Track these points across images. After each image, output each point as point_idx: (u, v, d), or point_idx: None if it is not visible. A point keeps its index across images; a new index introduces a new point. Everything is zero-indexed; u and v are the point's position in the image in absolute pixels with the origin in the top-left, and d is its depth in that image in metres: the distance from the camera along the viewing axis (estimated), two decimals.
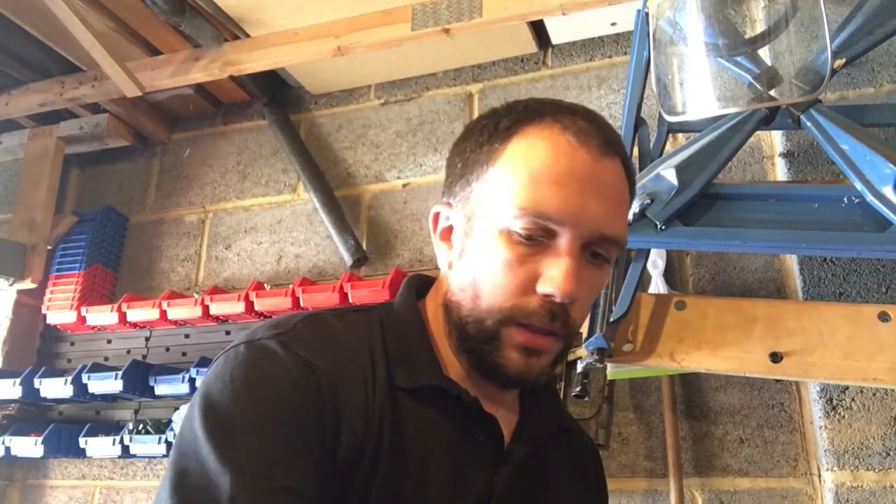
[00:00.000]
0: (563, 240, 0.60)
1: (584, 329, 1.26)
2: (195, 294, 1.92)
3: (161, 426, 1.84)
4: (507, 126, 0.65)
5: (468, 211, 0.65)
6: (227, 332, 1.89)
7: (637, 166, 1.31)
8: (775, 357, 1.16)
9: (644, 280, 1.33)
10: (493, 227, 0.62)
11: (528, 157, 0.62)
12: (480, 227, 0.64)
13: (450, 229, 0.68)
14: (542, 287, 0.60)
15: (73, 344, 2.08)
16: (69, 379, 1.83)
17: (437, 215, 0.71)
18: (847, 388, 1.29)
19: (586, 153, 0.61)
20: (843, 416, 1.29)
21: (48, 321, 2.04)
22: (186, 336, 1.93)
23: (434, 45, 1.85)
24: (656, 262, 1.52)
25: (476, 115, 1.94)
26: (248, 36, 1.91)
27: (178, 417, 1.80)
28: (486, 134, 0.66)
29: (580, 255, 0.61)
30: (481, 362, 0.64)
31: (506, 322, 0.61)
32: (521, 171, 0.62)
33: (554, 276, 0.59)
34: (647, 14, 1.29)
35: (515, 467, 0.66)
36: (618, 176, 0.64)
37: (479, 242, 0.63)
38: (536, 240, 0.60)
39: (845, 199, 1.11)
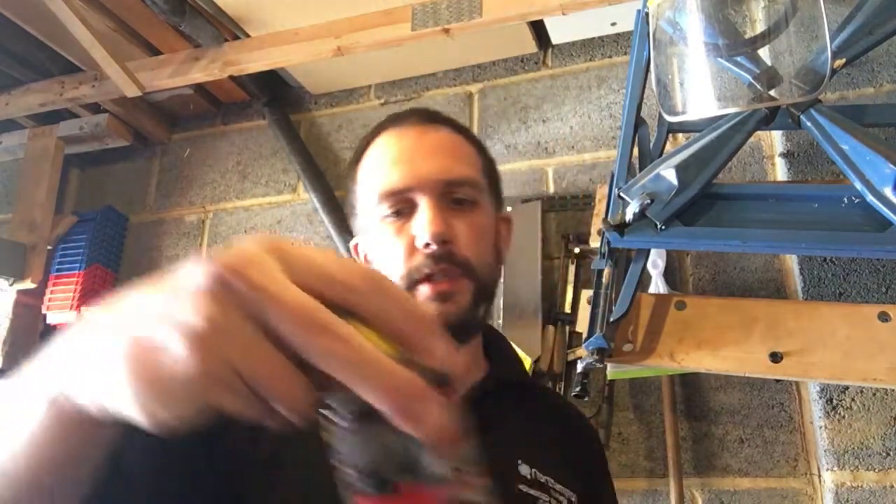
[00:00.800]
0: (419, 199, 0.70)
1: (585, 329, 1.26)
2: None
3: None
4: (358, 150, 0.79)
5: (359, 224, 0.78)
6: None
7: (637, 166, 1.31)
8: (775, 357, 1.16)
9: (644, 280, 1.33)
10: (374, 220, 0.74)
11: (372, 161, 0.76)
12: (366, 225, 0.75)
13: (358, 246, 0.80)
14: (418, 242, 0.69)
15: None
16: None
17: (355, 247, 0.81)
18: (847, 388, 1.29)
19: (408, 132, 0.75)
20: (843, 416, 1.29)
21: (48, 321, 2.04)
22: None
23: (434, 45, 1.85)
24: (656, 262, 1.52)
25: (476, 115, 1.94)
26: (248, 36, 1.91)
27: None
28: (349, 163, 0.81)
29: (440, 204, 0.70)
30: None
31: (409, 286, 0.69)
32: (369, 173, 0.75)
33: (419, 227, 0.69)
34: (647, 14, 1.29)
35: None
36: (446, 137, 0.76)
37: (371, 237, 0.75)
38: (403, 213, 0.71)
39: (845, 199, 1.11)
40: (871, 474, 1.24)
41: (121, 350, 0.28)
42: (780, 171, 1.52)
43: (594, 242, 1.51)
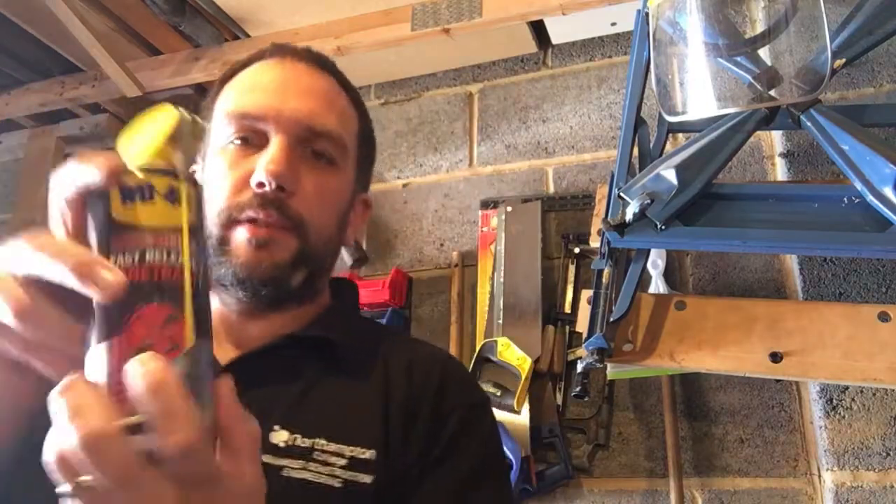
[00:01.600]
0: (272, 135, 0.63)
1: (585, 329, 1.26)
2: None
3: None
4: (230, 70, 0.72)
5: (203, 153, 0.69)
6: None
7: (637, 166, 1.32)
8: (775, 357, 1.16)
9: (644, 280, 1.33)
10: (215, 150, 0.66)
11: (237, 84, 0.69)
12: (208, 158, 0.67)
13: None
14: (253, 178, 0.62)
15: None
16: None
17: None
18: (847, 388, 1.29)
19: (283, 64, 0.68)
20: (843, 416, 1.29)
21: None
22: None
23: (434, 45, 1.85)
24: (656, 262, 1.52)
25: (476, 115, 1.94)
26: (248, 36, 1.91)
27: None
28: (215, 84, 0.72)
29: (294, 148, 0.63)
30: (219, 277, 0.62)
31: (227, 224, 0.62)
32: (230, 94, 0.68)
33: (261, 163, 0.62)
34: (647, 14, 1.29)
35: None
36: (324, 83, 0.69)
37: (207, 167, 0.66)
38: (250, 143, 0.64)
39: (845, 199, 1.11)
40: (871, 474, 1.25)
41: None
42: (780, 171, 1.52)
43: (594, 242, 1.51)
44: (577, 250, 1.65)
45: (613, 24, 1.78)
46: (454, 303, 1.71)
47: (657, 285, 1.51)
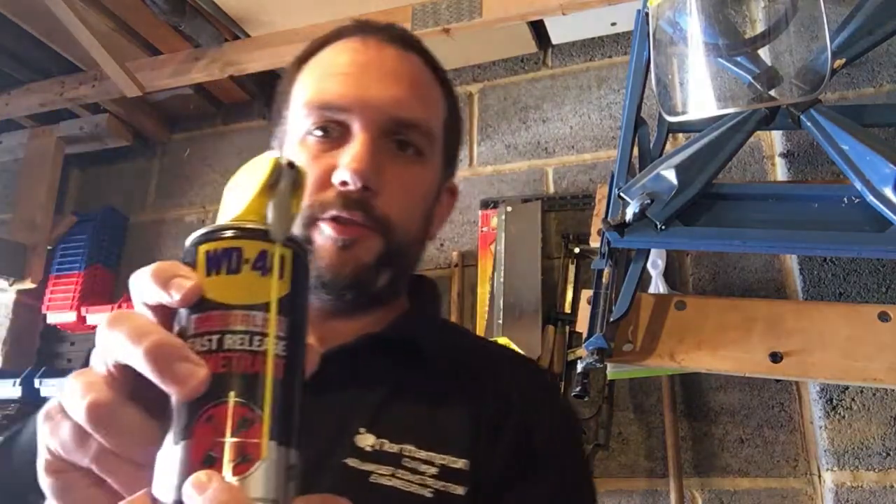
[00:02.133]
0: (354, 127, 0.59)
1: (585, 329, 1.26)
2: None
3: None
4: (306, 50, 0.66)
5: (282, 139, 0.65)
6: None
7: (637, 166, 1.31)
8: (775, 357, 1.16)
9: (644, 280, 1.33)
10: (296, 139, 0.62)
11: (317, 66, 0.64)
12: (289, 145, 0.63)
13: None
14: (336, 175, 0.58)
15: (73, 344, 2.08)
16: None
17: None
18: (847, 388, 1.29)
19: (368, 46, 0.63)
20: (843, 416, 1.29)
21: (48, 321, 2.04)
22: None
23: (434, 45, 1.84)
24: (656, 262, 1.52)
25: (476, 115, 1.94)
26: (248, 36, 1.91)
27: None
28: (291, 65, 0.67)
29: (378, 141, 0.59)
30: (311, 279, 0.59)
31: (310, 224, 0.59)
32: (310, 80, 0.63)
33: (344, 160, 0.58)
34: (647, 14, 1.29)
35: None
36: (411, 65, 0.64)
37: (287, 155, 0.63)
38: (331, 135, 0.60)
39: (845, 199, 1.11)
40: (871, 474, 1.24)
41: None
42: (780, 171, 1.52)
43: (594, 242, 1.51)
44: (577, 250, 1.65)
45: (613, 24, 1.78)
46: (454, 303, 1.71)
47: (657, 285, 1.51)
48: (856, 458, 1.26)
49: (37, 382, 1.87)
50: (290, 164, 0.38)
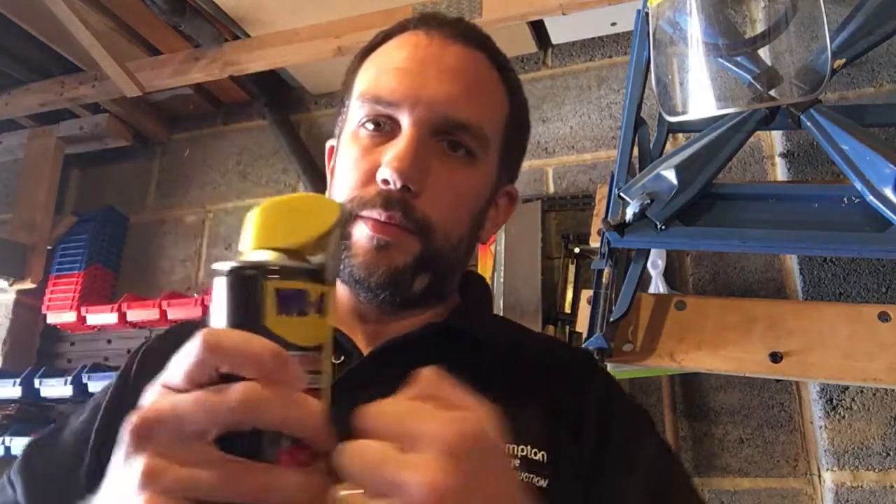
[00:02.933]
0: (404, 123, 0.57)
1: (585, 329, 1.26)
2: (195, 294, 1.92)
3: None
4: (371, 42, 0.65)
5: (340, 129, 0.64)
6: None
7: (637, 166, 1.31)
8: (775, 357, 1.16)
9: (644, 280, 1.33)
10: (350, 130, 0.61)
11: (378, 60, 0.62)
12: (344, 136, 0.62)
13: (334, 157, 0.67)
14: (379, 173, 0.56)
15: (73, 344, 2.08)
16: (69, 379, 1.83)
17: (330, 149, 0.68)
18: (847, 388, 1.29)
19: (431, 41, 0.60)
20: (843, 416, 1.29)
21: (48, 321, 2.04)
22: None
23: None
24: (656, 262, 1.52)
25: None
26: (248, 36, 1.91)
27: None
28: (355, 57, 0.66)
29: (426, 140, 0.57)
30: (339, 273, 0.58)
31: (350, 218, 0.57)
32: (370, 72, 0.62)
33: (387, 157, 0.56)
34: (647, 14, 1.29)
35: (355, 370, 0.58)
36: (474, 64, 0.61)
37: (341, 151, 0.62)
38: (382, 129, 0.58)
39: (845, 199, 1.11)
40: (871, 474, 1.24)
41: None
42: (780, 171, 1.52)
43: (594, 242, 1.51)
44: (577, 250, 1.65)
45: (613, 24, 1.78)
46: None
47: (657, 285, 1.51)
48: (856, 458, 1.26)
49: (37, 382, 1.87)
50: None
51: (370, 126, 0.59)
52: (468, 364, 0.57)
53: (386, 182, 0.56)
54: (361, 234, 0.57)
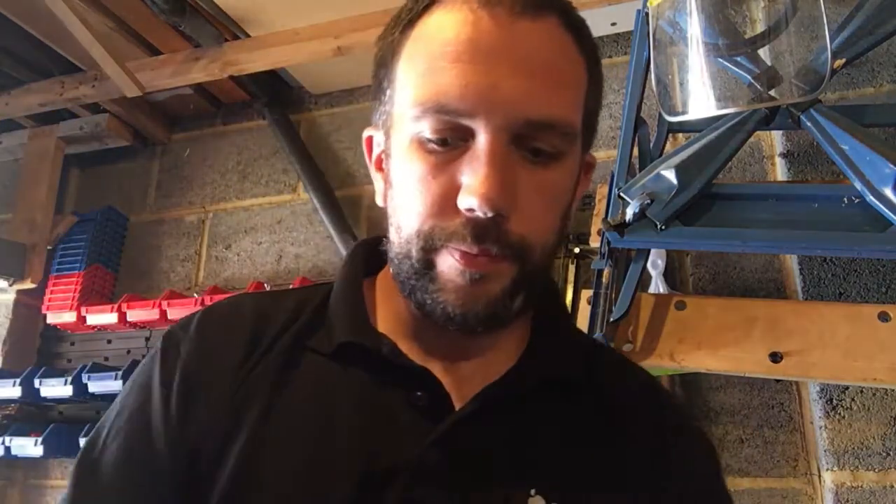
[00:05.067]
0: (479, 133, 0.48)
1: (585, 329, 1.26)
2: (195, 294, 1.92)
3: None
4: (411, 10, 0.53)
5: (387, 125, 0.55)
6: None
7: (637, 166, 1.31)
8: (775, 357, 1.16)
9: (644, 280, 1.33)
10: (405, 139, 0.51)
11: (427, 41, 0.51)
12: (396, 141, 0.53)
13: (381, 154, 0.57)
14: (461, 200, 0.48)
15: (73, 344, 2.08)
16: (69, 379, 1.83)
17: (369, 140, 0.59)
18: (847, 388, 1.29)
19: (494, 19, 0.49)
20: (843, 416, 1.29)
21: (48, 321, 2.04)
22: None
23: None
24: (656, 262, 1.52)
25: None
26: (248, 36, 1.91)
27: None
28: (393, 26, 0.55)
29: (508, 151, 0.48)
30: (422, 304, 0.52)
31: (430, 249, 0.50)
32: (420, 59, 0.51)
33: (471, 184, 0.47)
34: (647, 14, 1.29)
35: (452, 430, 0.52)
36: (547, 41, 0.50)
37: (396, 161, 0.53)
38: (450, 143, 0.49)
39: (845, 199, 1.11)
40: (871, 474, 1.24)
41: None
42: (780, 171, 1.52)
43: (594, 242, 1.51)
44: (577, 250, 1.65)
45: (613, 24, 1.77)
46: None
47: (657, 285, 1.51)
48: (856, 458, 1.26)
49: (37, 382, 1.87)
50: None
51: (436, 143, 0.49)
52: (560, 416, 0.56)
53: (472, 210, 0.47)
54: (450, 266, 0.49)
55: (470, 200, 0.47)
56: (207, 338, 0.57)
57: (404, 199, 0.51)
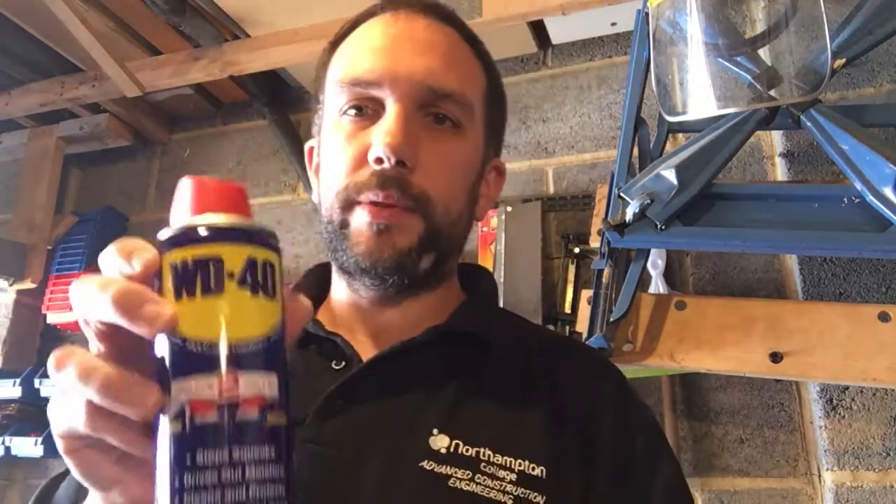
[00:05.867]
0: (388, 101, 0.57)
1: (585, 329, 1.26)
2: None
3: None
4: (337, 34, 0.65)
5: (319, 125, 0.64)
6: None
7: (637, 166, 1.31)
8: (775, 357, 1.16)
9: (644, 280, 1.33)
10: (330, 123, 0.61)
11: (349, 48, 0.62)
12: (324, 131, 0.62)
13: (318, 159, 0.66)
14: (370, 153, 0.56)
15: (73, 344, 2.08)
16: None
17: (310, 151, 0.68)
18: (847, 388, 1.29)
19: (399, 18, 0.61)
20: (843, 416, 1.29)
21: (48, 321, 2.04)
22: None
23: None
24: (656, 262, 1.52)
25: None
26: (248, 36, 1.91)
27: None
28: (324, 50, 0.66)
29: (412, 114, 0.57)
30: (341, 263, 0.59)
31: (346, 206, 0.57)
32: (343, 61, 0.62)
33: (377, 137, 0.55)
34: (647, 14, 1.29)
35: (355, 377, 0.56)
36: (445, 36, 0.61)
37: (324, 144, 0.62)
38: (365, 113, 0.58)
39: (845, 199, 1.11)
40: (871, 474, 1.24)
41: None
42: (780, 171, 1.52)
43: (594, 242, 1.51)
44: (577, 250, 1.65)
45: (613, 24, 1.77)
46: None
47: (657, 285, 1.51)
48: (856, 458, 1.26)
49: (37, 382, 1.87)
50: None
51: (352, 112, 0.59)
52: (471, 369, 0.59)
53: (379, 161, 0.55)
54: (360, 220, 0.56)
55: (376, 150, 0.55)
56: None
57: (328, 171, 0.60)
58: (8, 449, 1.86)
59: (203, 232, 0.28)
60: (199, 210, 0.29)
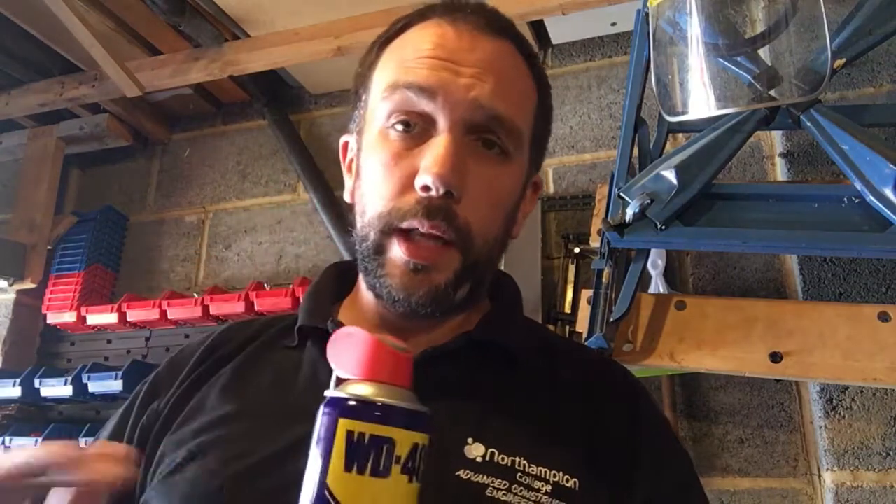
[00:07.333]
0: (440, 121, 0.55)
1: (585, 329, 1.26)
2: (195, 294, 1.92)
3: None
4: (388, 31, 0.62)
5: (359, 126, 0.62)
6: None
7: (637, 166, 1.31)
8: (775, 357, 1.16)
9: (644, 280, 1.33)
10: (374, 132, 0.58)
11: (400, 51, 0.59)
12: (366, 137, 0.59)
13: (353, 157, 0.64)
14: (418, 179, 0.53)
15: (73, 344, 2.08)
16: (69, 379, 1.83)
17: (345, 145, 0.67)
18: (847, 388, 1.29)
19: (458, 32, 0.57)
20: (843, 416, 1.29)
21: (48, 321, 2.04)
22: (186, 336, 1.93)
23: None
24: (656, 262, 1.52)
25: None
26: (248, 36, 1.91)
27: None
28: (371, 47, 0.63)
29: (462, 137, 0.55)
30: (374, 287, 0.58)
31: (386, 231, 0.55)
32: (392, 64, 0.59)
33: (427, 164, 0.53)
34: (647, 14, 1.29)
35: None
36: (504, 56, 0.59)
37: (365, 154, 0.59)
38: (413, 131, 0.55)
39: (845, 199, 1.11)
40: (871, 474, 1.24)
41: None
42: (780, 171, 1.52)
43: (594, 242, 1.51)
44: (577, 250, 1.65)
45: (613, 24, 1.78)
46: None
47: (657, 285, 1.51)
48: (856, 458, 1.26)
49: (37, 382, 1.86)
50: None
51: (400, 127, 0.56)
52: (500, 378, 0.59)
53: (426, 189, 0.53)
54: (397, 254, 0.55)
55: (425, 178, 0.52)
56: (175, 360, 0.67)
57: (370, 186, 0.57)
58: (8, 449, 1.86)
59: (383, 411, 0.29)
60: (374, 375, 0.30)
